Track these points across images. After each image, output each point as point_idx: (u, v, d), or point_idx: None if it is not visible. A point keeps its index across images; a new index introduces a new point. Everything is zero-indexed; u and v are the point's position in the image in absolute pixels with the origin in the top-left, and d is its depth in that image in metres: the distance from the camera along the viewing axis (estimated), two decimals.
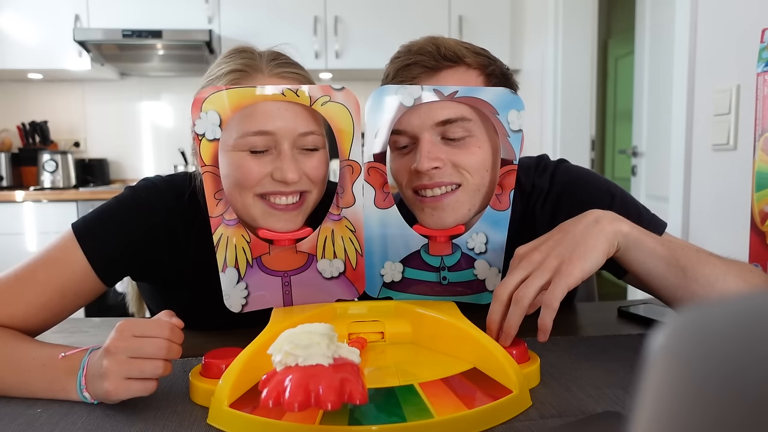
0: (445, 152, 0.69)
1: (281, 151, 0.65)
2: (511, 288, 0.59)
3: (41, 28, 2.62)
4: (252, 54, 0.71)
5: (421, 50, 0.71)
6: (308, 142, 0.67)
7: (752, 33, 1.12)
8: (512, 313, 0.58)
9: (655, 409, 0.15)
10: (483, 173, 0.71)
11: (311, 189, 0.68)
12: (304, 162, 0.67)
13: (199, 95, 0.60)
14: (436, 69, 0.71)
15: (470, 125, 0.69)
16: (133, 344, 0.51)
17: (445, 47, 0.71)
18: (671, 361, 0.15)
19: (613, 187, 0.82)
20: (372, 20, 2.75)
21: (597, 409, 0.51)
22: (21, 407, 0.53)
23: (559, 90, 2.51)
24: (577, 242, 0.59)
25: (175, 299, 0.83)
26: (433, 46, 0.71)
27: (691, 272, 0.61)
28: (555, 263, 0.58)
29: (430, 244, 0.69)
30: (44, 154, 2.73)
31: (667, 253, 0.61)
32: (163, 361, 0.52)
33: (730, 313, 0.15)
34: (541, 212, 0.82)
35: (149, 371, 0.51)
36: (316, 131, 0.67)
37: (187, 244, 0.75)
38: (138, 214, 0.72)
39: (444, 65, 0.71)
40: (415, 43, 0.73)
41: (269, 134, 0.64)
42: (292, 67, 0.71)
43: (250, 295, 0.64)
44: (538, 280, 0.58)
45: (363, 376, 0.45)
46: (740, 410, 0.13)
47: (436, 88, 0.66)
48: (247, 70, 0.68)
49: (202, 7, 2.68)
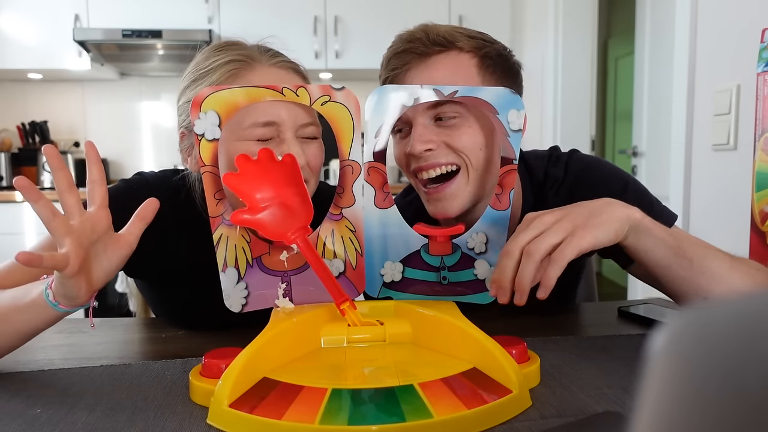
0: (437, 134, 0.71)
1: (285, 140, 0.66)
2: (523, 244, 0.57)
3: (41, 28, 2.62)
4: (244, 46, 0.71)
5: (412, 37, 0.73)
6: (308, 132, 0.69)
7: (752, 33, 1.12)
8: (524, 268, 0.56)
9: (655, 410, 0.15)
10: (477, 152, 0.73)
11: (310, 178, 0.70)
12: (304, 149, 0.68)
13: (198, 95, 0.60)
14: (426, 55, 0.72)
15: (460, 107, 0.71)
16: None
17: (436, 33, 0.73)
18: (672, 362, 0.15)
19: (626, 175, 0.83)
20: (372, 20, 2.75)
21: (597, 409, 0.51)
22: (21, 407, 0.53)
23: (559, 90, 2.51)
24: (591, 214, 0.59)
25: (172, 297, 0.84)
26: (423, 33, 0.73)
27: (697, 265, 0.61)
28: (568, 226, 0.57)
29: (430, 244, 0.69)
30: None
31: (675, 244, 0.61)
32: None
33: (730, 313, 0.15)
34: (555, 199, 0.82)
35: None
36: (314, 122, 0.69)
37: (179, 242, 0.75)
38: (130, 206, 0.72)
39: (434, 50, 0.72)
40: (407, 32, 0.75)
41: (275, 124, 0.66)
42: (285, 57, 0.73)
43: (250, 295, 0.64)
44: (551, 238, 0.56)
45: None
46: (741, 410, 0.13)
47: (436, 87, 0.66)
48: (246, 60, 0.69)
49: (202, 7, 2.68)
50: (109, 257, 0.56)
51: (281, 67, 0.71)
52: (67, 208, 0.52)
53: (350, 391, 0.50)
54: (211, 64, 0.70)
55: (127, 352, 0.71)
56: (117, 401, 0.53)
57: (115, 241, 0.56)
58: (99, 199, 0.54)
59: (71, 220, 0.52)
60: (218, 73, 0.69)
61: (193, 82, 0.71)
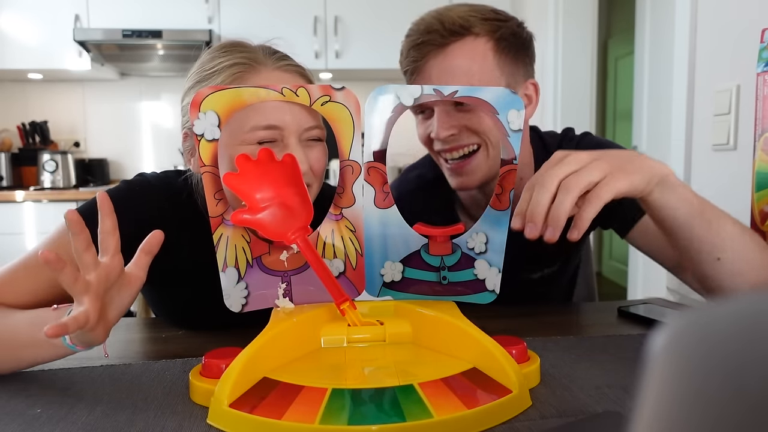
0: (457, 119, 0.75)
1: (288, 144, 0.66)
2: (560, 177, 0.55)
3: (41, 28, 2.62)
4: (250, 47, 0.71)
5: (429, 28, 0.76)
6: (312, 134, 0.69)
7: (752, 33, 1.12)
8: (562, 201, 0.53)
9: (655, 410, 0.15)
10: (495, 132, 0.76)
11: (313, 182, 0.70)
12: (307, 154, 0.68)
13: (197, 95, 0.60)
14: (443, 45, 0.75)
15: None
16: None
17: (451, 21, 0.75)
18: (672, 361, 0.15)
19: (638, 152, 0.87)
20: (372, 20, 2.75)
21: (597, 409, 0.51)
22: (21, 407, 0.53)
23: (559, 90, 2.51)
24: (624, 161, 0.58)
25: (172, 297, 0.84)
26: (438, 23, 0.75)
27: (715, 226, 0.64)
28: (606, 166, 0.56)
29: (430, 243, 0.69)
30: (44, 154, 2.73)
31: (698, 202, 0.63)
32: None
33: (730, 313, 0.14)
34: None
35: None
36: (318, 125, 0.69)
37: (181, 241, 0.75)
38: (131, 207, 0.72)
39: (451, 40, 0.75)
40: (423, 20, 0.77)
41: (277, 128, 0.65)
42: (291, 60, 0.72)
43: (250, 295, 0.64)
44: (590, 174, 0.54)
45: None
46: (741, 411, 0.13)
47: (437, 87, 0.66)
48: (252, 63, 0.69)
49: (202, 7, 2.68)
50: (122, 297, 0.57)
51: (287, 70, 0.71)
52: (84, 266, 0.53)
53: (350, 391, 0.50)
54: (215, 66, 0.70)
55: (127, 352, 0.71)
56: (117, 401, 0.54)
57: (127, 281, 0.57)
58: (112, 249, 0.56)
59: (88, 275, 0.53)
60: (223, 75, 0.69)
61: (197, 83, 0.71)
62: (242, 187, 0.60)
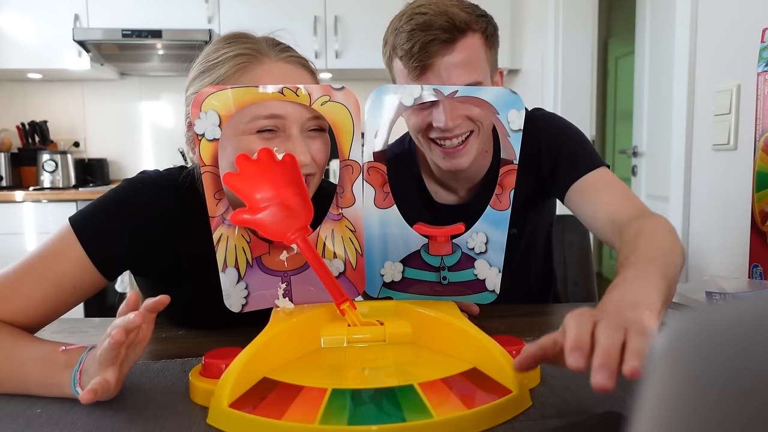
0: (460, 109, 0.82)
1: (290, 135, 0.66)
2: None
3: (41, 28, 2.61)
4: (253, 39, 0.71)
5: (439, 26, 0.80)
6: (315, 124, 0.68)
7: (752, 33, 1.12)
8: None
9: (656, 410, 0.15)
10: (485, 116, 0.83)
11: (315, 172, 0.69)
12: (309, 145, 0.68)
13: (199, 95, 0.60)
14: (450, 41, 0.80)
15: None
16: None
17: (459, 19, 0.80)
18: (673, 363, 0.15)
19: (575, 128, 1.00)
20: (372, 20, 2.74)
21: (597, 409, 0.51)
22: (21, 407, 0.53)
23: (559, 90, 2.51)
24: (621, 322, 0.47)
25: (173, 297, 0.83)
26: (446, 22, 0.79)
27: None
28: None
29: (430, 243, 0.69)
30: (44, 154, 2.73)
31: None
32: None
33: (731, 315, 0.14)
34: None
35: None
36: (320, 114, 0.68)
37: (184, 237, 0.75)
38: (135, 206, 0.72)
39: (457, 36, 0.80)
40: (427, 19, 0.80)
41: (280, 117, 0.65)
42: (294, 52, 0.72)
43: (250, 295, 0.64)
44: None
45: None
46: (742, 411, 0.13)
47: (436, 87, 0.66)
48: (255, 54, 0.69)
49: (202, 7, 2.68)
50: (135, 354, 0.56)
51: (290, 62, 0.71)
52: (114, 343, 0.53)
53: (350, 391, 0.50)
54: (219, 57, 0.70)
55: None
56: (117, 401, 0.53)
57: (139, 340, 0.56)
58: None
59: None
60: (226, 66, 0.69)
61: (201, 74, 0.71)
62: (242, 187, 0.60)
